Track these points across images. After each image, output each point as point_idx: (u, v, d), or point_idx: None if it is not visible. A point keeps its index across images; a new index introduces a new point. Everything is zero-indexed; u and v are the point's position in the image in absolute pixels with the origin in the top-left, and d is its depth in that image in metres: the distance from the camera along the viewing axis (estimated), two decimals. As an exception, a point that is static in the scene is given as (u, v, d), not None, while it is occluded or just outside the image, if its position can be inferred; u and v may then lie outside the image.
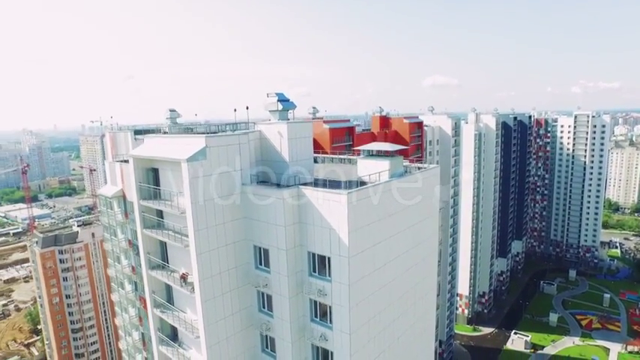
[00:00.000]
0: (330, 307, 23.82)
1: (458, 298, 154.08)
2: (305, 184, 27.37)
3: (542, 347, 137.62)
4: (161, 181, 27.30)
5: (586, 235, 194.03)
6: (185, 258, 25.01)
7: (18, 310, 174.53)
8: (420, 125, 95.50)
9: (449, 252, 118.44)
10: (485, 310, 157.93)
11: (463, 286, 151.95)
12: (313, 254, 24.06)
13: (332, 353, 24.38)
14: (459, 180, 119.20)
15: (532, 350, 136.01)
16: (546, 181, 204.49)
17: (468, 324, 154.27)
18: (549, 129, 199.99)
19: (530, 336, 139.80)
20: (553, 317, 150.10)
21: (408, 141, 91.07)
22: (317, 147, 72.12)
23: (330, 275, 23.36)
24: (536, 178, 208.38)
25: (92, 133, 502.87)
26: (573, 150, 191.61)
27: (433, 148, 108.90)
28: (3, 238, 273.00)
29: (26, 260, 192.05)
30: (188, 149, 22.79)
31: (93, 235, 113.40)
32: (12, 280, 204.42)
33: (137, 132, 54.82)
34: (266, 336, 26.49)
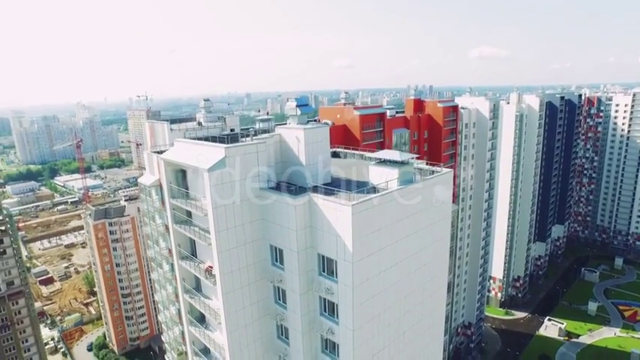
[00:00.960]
0: (336, 304, 25.94)
1: (492, 282, 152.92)
2: (318, 187, 29.23)
3: (578, 336, 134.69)
4: (189, 183, 30.02)
5: (637, 222, 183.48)
6: (210, 252, 27.74)
7: (77, 272, 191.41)
8: (455, 109, 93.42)
9: (482, 236, 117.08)
10: (520, 295, 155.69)
11: (497, 270, 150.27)
12: (322, 256, 26.03)
13: (338, 345, 26.73)
14: (495, 164, 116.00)
15: (566, 338, 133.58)
16: (595, 164, 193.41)
17: (500, 307, 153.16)
18: (602, 108, 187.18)
19: (565, 323, 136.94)
20: (592, 306, 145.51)
21: (441, 125, 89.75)
22: (347, 133, 73.40)
23: (336, 276, 25.33)
24: (583, 160, 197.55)
25: (139, 106, 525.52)
26: (629, 131, 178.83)
27: (469, 131, 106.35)
28: (62, 206, 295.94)
29: (82, 228, 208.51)
30: (210, 158, 25.01)
31: (139, 209, 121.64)
32: (71, 246, 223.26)
33: (173, 121, 58.32)
34: (281, 325, 29.19)
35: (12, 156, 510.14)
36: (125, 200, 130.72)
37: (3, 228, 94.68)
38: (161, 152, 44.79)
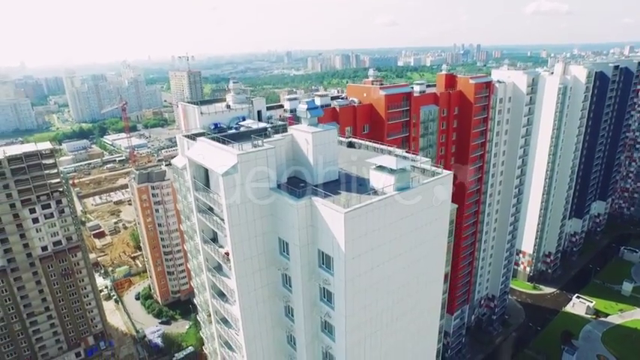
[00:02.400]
0: (333, 293, 29.43)
1: (521, 256, 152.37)
2: (322, 185, 32.13)
3: (607, 315, 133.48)
4: (210, 177, 33.74)
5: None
6: (227, 240, 31.65)
7: (125, 228, 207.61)
8: (488, 85, 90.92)
9: (511, 212, 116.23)
10: (550, 270, 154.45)
11: (527, 245, 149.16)
12: (321, 251, 29.29)
13: (334, 327, 30.57)
14: (530, 140, 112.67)
15: (594, 316, 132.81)
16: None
17: (528, 281, 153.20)
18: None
19: (594, 302, 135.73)
20: (627, 286, 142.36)
21: (472, 102, 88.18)
22: (373, 112, 74.54)
23: (333, 270, 28.62)
24: (637, 134, 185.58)
25: (181, 65, 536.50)
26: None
27: (503, 107, 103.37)
28: (111, 165, 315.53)
29: (128, 186, 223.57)
30: (225, 163, 28.31)
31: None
32: (119, 202, 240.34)
33: (203, 102, 61.92)
34: (287, 305, 33.28)
35: (66, 114, 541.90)
36: (165, 165, 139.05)
37: (62, 189, 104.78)
38: (191, 137, 48.87)
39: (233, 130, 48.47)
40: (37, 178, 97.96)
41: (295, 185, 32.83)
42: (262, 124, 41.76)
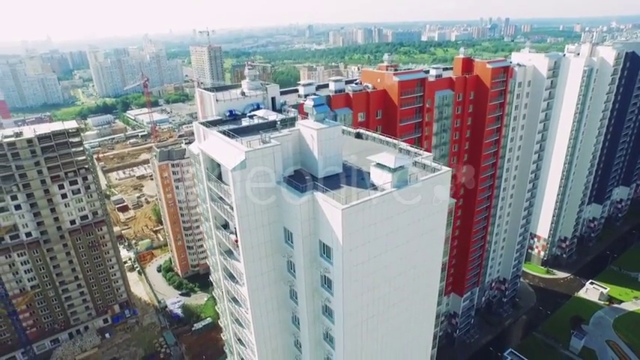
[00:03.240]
0: (332, 280, 31.76)
1: (536, 240, 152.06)
2: (325, 178, 34.12)
3: (620, 302, 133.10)
4: (222, 168, 36.02)
5: None
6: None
7: (147, 202, 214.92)
8: (505, 69, 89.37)
9: (526, 197, 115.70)
10: (564, 255, 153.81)
11: (543, 229, 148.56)
12: (322, 242, 31.45)
13: (333, 311, 33.09)
14: (549, 125, 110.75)
15: (607, 303, 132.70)
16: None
17: (542, 266, 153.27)
18: None
19: (608, 288, 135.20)
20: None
21: (488, 87, 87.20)
22: (386, 98, 75.10)
23: (332, 259, 30.84)
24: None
25: (202, 39, 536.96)
26: None
27: (522, 91, 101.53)
28: (134, 140, 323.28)
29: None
30: (234, 159, 30.44)
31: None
32: (142, 177, 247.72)
33: (219, 89, 63.70)
34: (291, 289, 35.91)
35: (90, 89, 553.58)
36: (186, 143, 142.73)
37: (87, 166, 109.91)
38: (207, 124, 51.10)
39: (247, 118, 50.14)
40: (64, 156, 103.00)
41: (301, 178, 34.82)
42: (273, 116, 43.40)
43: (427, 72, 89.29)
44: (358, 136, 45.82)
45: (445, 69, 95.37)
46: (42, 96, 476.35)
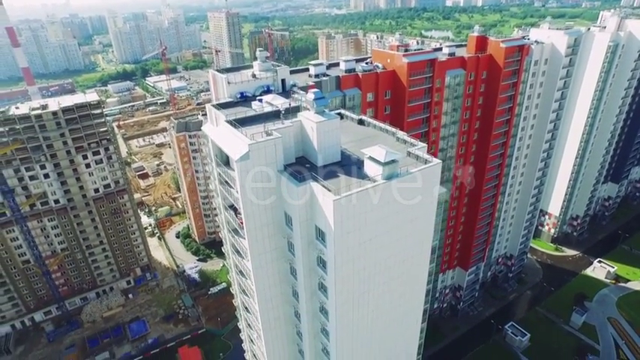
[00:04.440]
0: (326, 261, 35.13)
1: (547, 217, 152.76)
2: (323, 167, 36.93)
3: (627, 281, 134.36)
4: (229, 156, 39.08)
5: None
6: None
7: (166, 170, 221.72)
8: (521, 48, 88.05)
9: (536, 176, 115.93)
10: (575, 233, 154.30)
11: (554, 207, 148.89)
12: (317, 227, 34.61)
13: (327, 288, 36.69)
14: (565, 104, 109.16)
15: (613, 281, 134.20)
16: None
17: (551, 243, 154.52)
18: None
19: (616, 267, 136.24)
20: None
21: (501, 66, 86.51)
22: (395, 79, 76.02)
23: (326, 243, 34.05)
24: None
25: (220, 2, 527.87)
26: None
27: (538, 69, 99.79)
28: (153, 107, 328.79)
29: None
30: (239, 150, 33.34)
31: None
32: (161, 145, 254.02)
33: (230, 70, 65.87)
34: (291, 266, 39.57)
35: (110, 55, 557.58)
36: (202, 115, 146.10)
37: (109, 137, 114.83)
38: (219, 107, 53.86)
39: (256, 102, 52.40)
40: (87, 127, 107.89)
41: (301, 167, 37.68)
42: (280, 101, 45.67)
43: (440, 49, 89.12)
44: (360, 122, 47.88)
45: (459, 46, 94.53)
46: (63, 62, 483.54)
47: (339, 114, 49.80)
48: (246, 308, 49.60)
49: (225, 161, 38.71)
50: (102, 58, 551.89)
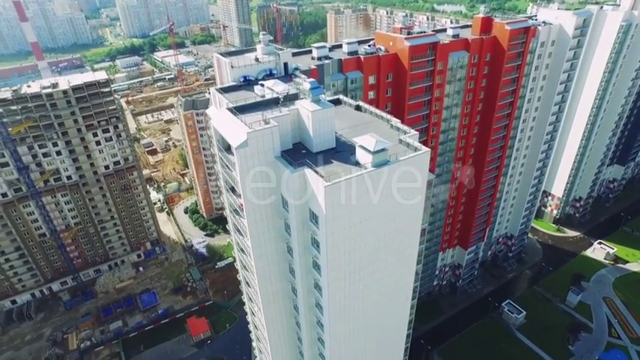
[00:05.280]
0: (319, 242, 37.72)
1: (550, 198, 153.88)
2: (317, 153, 39.08)
3: (626, 262, 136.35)
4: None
5: None
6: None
7: (175, 146, 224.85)
8: (526, 30, 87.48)
9: (539, 158, 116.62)
10: (577, 215, 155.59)
11: (558, 188, 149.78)
12: (311, 210, 37.02)
13: (320, 266, 39.47)
14: (570, 86, 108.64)
15: (612, 262, 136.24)
16: None
17: (553, 223, 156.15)
18: None
19: (615, 249, 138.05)
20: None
21: (505, 49, 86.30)
22: (397, 62, 76.84)
23: (318, 225, 36.54)
24: None
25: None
26: None
27: (544, 51, 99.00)
28: (161, 83, 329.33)
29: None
30: (238, 137, 35.55)
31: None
32: (170, 121, 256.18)
33: (234, 53, 67.28)
34: (288, 245, 42.30)
35: (118, 29, 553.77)
36: (209, 93, 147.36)
37: (118, 115, 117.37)
38: (222, 91, 55.75)
39: (259, 86, 54.05)
40: (96, 106, 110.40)
41: (298, 152, 39.89)
42: (280, 87, 47.35)
43: (444, 30, 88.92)
44: (358, 108, 49.51)
45: (464, 27, 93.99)
46: (71, 36, 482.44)
47: (337, 100, 51.69)
48: (247, 283, 52.97)
49: (227, 147, 40.88)
50: (109, 32, 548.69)
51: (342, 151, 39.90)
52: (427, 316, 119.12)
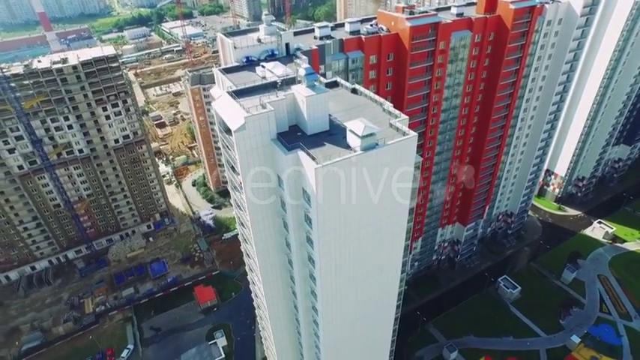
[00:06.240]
0: (311, 218, 40.78)
1: (552, 177, 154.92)
2: (311, 135, 41.62)
3: (624, 241, 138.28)
4: (229, 123, 43.94)
5: None
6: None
7: (183, 119, 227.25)
8: (531, 9, 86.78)
9: (541, 137, 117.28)
10: (580, 194, 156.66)
11: (561, 167, 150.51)
12: (303, 188, 39.89)
13: (313, 240, 42.71)
14: (576, 65, 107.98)
15: (610, 241, 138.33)
16: None
17: (555, 202, 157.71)
18: None
19: (614, 228, 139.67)
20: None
21: (509, 28, 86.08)
22: (398, 42, 77.64)
23: (310, 203, 39.46)
24: None
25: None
26: None
27: (551, 29, 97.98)
28: (169, 55, 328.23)
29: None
30: (236, 121, 38.10)
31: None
32: (178, 94, 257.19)
33: (237, 33, 68.83)
34: (284, 220, 45.50)
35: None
36: (216, 67, 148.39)
37: (126, 90, 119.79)
38: (225, 71, 57.92)
39: (260, 67, 55.97)
40: (105, 81, 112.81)
41: (294, 134, 42.45)
42: (280, 69, 49.32)
43: (448, 9, 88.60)
44: (354, 91, 51.45)
45: (470, 4, 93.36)
46: (79, 5, 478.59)
47: (334, 82, 53.62)
48: (247, 254, 56.77)
49: (227, 129, 43.51)
50: (117, 2, 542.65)
51: (335, 134, 42.32)
52: (425, 290, 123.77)
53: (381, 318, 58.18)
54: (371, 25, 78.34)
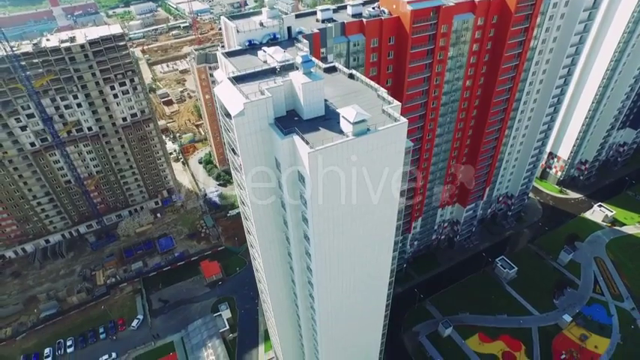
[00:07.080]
0: (306, 199, 43.43)
1: (555, 160, 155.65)
2: (307, 120, 43.80)
3: (623, 225, 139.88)
4: (230, 107, 46.14)
5: None
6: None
7: (190, 97, 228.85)
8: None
9: (544, 121, 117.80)
10: (581, 177, 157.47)
11: (564, 151, 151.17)
12: (299, 171, 42.39)
13: (308, 220, 45.46)
14: (582, 49, 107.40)
15: (609, 224, 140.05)
16: None
17: (557, 185, 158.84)
18: None
19: (614, 212, 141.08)
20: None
21: (512, 11, 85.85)
22: (400, 25, 78.37)
23: (305, 185, 42.03)
24: None
25: None
26: None
27: (557, 12, 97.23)
28: (176, 31, 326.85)
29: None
30: (236, 107, 40.30)
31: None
32: (185, 71, 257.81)
33: (240, 16, 69.94)
34: (281, 201, 48.23)
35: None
36: (221, 47, 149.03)
37: (133, 69, 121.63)
38: (227, 55, 59.66)
39: (261, 52, 57.51)
40: (113, 60, 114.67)
41: (291, 119, 44.61)
42: (280, 54, 50.95)
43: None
44: (351, 76, 53.08)
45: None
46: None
47: (332, 67, 55.22)
48: (248, 231, 59.86)
49: (227, 114, 45.78)
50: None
51: (330, 119, 44.39)
52: (423, 268, 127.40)
53: (374, 294, 61.46)
54: (373, 8, 78.85)
